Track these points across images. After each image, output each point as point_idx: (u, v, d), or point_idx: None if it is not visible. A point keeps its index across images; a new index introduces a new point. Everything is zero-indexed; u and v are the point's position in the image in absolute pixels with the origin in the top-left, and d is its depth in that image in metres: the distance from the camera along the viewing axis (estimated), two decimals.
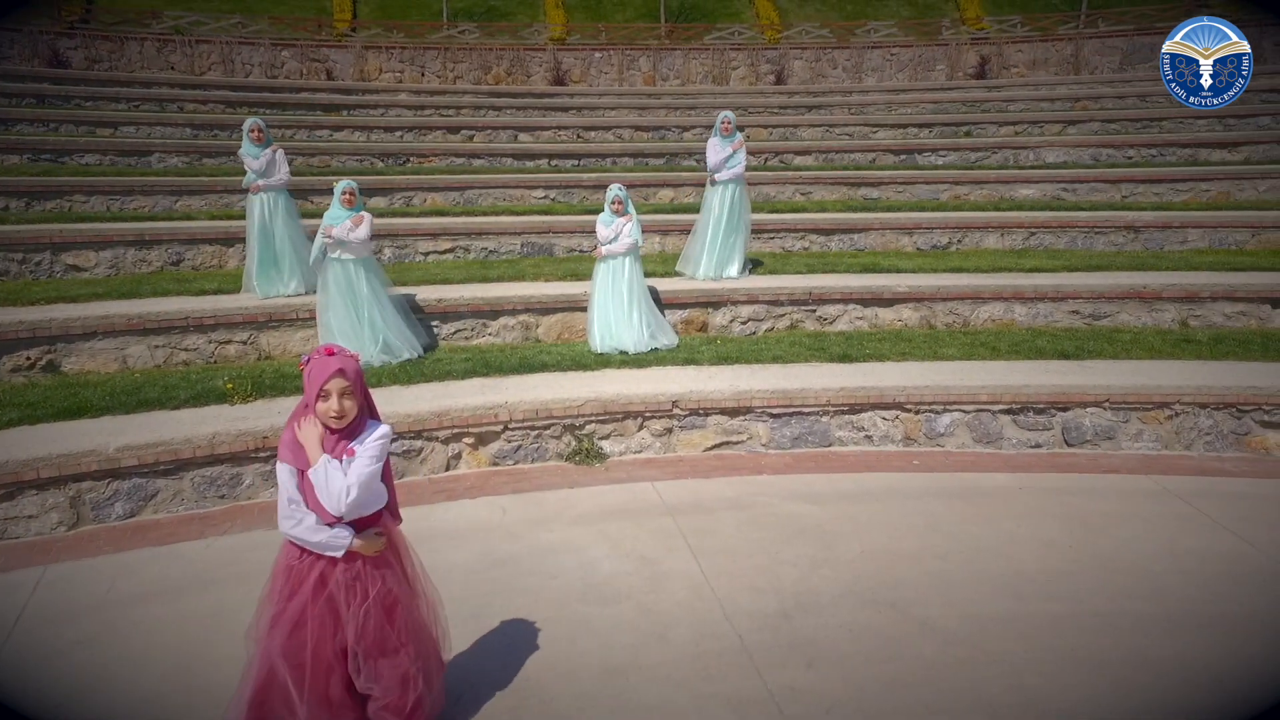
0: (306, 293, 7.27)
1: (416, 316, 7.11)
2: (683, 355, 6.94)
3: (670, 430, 6.18)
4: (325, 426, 2.75)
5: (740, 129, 8.72)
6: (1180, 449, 6.20)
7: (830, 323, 7.96)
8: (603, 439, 6.10)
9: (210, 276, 8.24)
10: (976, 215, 10.57)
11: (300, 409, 2.81)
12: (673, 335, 7.23)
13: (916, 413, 6.27)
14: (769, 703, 3.40)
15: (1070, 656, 3.69)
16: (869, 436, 6.31)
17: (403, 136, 14.04)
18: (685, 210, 10.22)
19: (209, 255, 8.76)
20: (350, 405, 2.75)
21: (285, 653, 2.78)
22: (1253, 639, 3.84)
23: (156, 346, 6.69)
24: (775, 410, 6.20)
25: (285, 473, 2.76)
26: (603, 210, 7.08)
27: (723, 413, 6.18)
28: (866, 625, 3.94)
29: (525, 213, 10.63)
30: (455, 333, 7.41)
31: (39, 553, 4.66)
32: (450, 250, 9.53)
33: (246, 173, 7.44)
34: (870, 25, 21.51)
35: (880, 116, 15.89)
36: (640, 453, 6.15)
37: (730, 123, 8.29)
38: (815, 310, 7.93)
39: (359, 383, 2.80)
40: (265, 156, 7.38)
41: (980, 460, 6.06)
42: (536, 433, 5.99)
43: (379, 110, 15.40)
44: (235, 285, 7.57)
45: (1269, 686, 3.52)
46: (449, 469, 5.85)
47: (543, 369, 6.61)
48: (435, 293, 7.47)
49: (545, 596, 4.17)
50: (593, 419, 6.05)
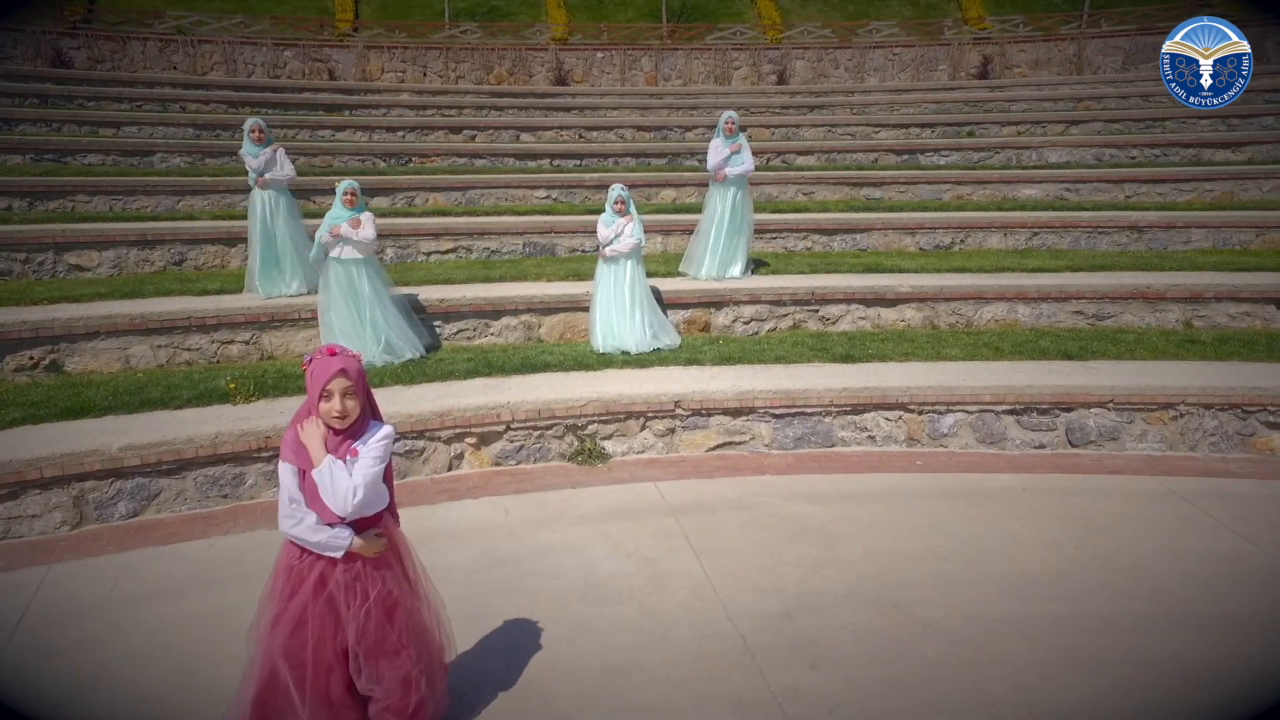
0: (309, 293, 7.27)
1: (419, 316, 7.11)
2: (685, 355, 6.94)
3: (673, 430, 6.17)
4: (328, 427, 2.76)
5: (743, 129, 8.70)
6: (1185, 450, 6.18)
7: (833, 323, 7.95)
8: (605, 439, 6.09)
9: (213, 276, 8.25)
10: (979, 215, 10.55)
11: (304, 410, 2.81)
12: (675, 335, 7.23)
13: (920, 413, 6.26)
14: (771, 703, 3.39)
15: (1071, 657, 3.69)
16: (872, 437, 6.30)
17: (405, 136, 14.04)
18: (687, 210, 10.22)
19: (211, 255, 8.77)
20: (353, 405, 2.75)
21: (286, 652, 2.78)
22: (1253, 639, 3.84)
23: (159, 346, 6.70)
24: (778, 410, 6.19)
25: (287, 472, 2.76)
26: (604, 210, 7.07)
27: (725, 413, 6.18)
28: (869, 626, 3.93)
29: (527, 213, 10.63)
30: (457, 333, 7.41)
31: (42, 552, 4.67)
32: (452, 250, 9.53)
33: (249, 173, 7.45)
34: (872, 25, 21.50)
35: (882, 116, 15.87)
36: (643, 453, 6.14)
37: (734, 123, 8.26)
38: (818, 310, 7.92)
39: (361, 383, 2.80)
40: (265, 155, 7.37)
41: (984, 461, 6.05)
42: (539, 433, 5.98)
43: (381, 110, 15.42)
44: (238, 285, 7.58)
45: (1269, 686, 3.51)
46: (451, 469, 5.85)
47: (545, 369, 6.61)
48: (437, 293, 7.48)
49: (546, 596, 4.16)
50: (595, 419, 6.05)
